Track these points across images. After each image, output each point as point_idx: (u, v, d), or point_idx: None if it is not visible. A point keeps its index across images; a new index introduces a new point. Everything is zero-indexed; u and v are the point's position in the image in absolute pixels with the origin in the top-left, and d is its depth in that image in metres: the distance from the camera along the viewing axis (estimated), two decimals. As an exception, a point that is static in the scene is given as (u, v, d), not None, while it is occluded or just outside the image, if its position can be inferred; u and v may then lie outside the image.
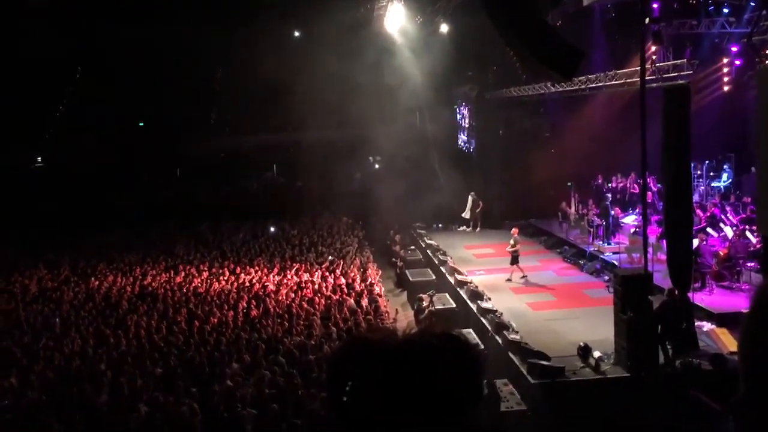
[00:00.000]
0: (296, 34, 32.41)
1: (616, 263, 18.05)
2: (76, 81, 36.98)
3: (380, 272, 20.86)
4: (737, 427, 1.07)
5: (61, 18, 31.15)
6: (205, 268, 21.15)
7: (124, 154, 33.61)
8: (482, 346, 14.44)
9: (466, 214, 26.01)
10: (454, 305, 17.42)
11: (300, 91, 32.14)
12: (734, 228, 18.04)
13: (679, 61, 16.03)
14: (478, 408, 1.20)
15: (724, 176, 23.29)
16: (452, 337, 1.24)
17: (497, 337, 14.22)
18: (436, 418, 1.15)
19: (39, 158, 32.77)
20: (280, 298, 17.49)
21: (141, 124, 34.95)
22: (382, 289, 19.14)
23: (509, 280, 18.75)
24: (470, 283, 18.12)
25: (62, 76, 36.76)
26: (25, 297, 18.85)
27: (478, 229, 25.78)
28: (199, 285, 19.30)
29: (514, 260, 18.88)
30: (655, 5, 16.62)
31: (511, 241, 19.19)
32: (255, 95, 34.71)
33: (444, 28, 24.70)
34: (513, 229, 20.04)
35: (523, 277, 18.83)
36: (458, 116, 30.58)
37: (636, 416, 11.05)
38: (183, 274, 20.67)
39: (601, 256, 19.84)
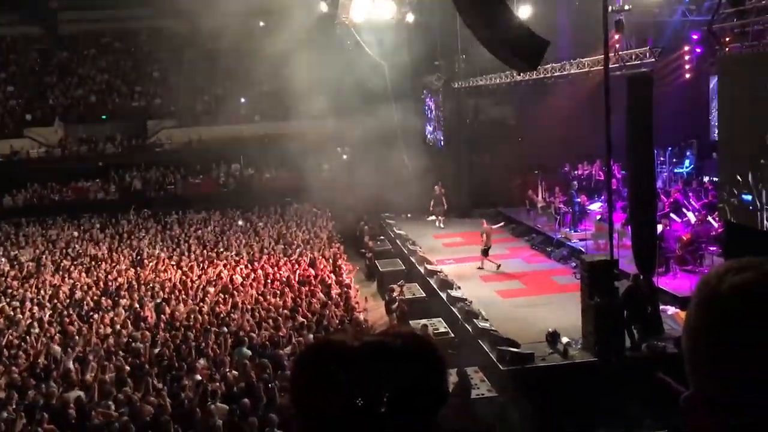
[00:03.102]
0: (261, 24, 32.04)
1: (583, 250, 18.29)
2: (37, 69, 36.17)
3: (350, 263, 20.83)
4: (687, 425, 1.06)
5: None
6: (173, 262, 20.90)
7: (90, 145, 33.10)
8: (452, 335, 14.55)
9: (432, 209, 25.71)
10: (424, 294, 17.48)
11: (266, 82, 31.86)
12: (697, 213, 18.39)
13: (640, 49, 16.20)
14: (442, 409, 1.19)
15: (687, 162, 23.72)
16: (416, 338, 1.22)
17: (467, 326, 14.32)
18: (399, 420, 1.14)
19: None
20: (248, 290, 17.36)
21: (104, 117, 34.33)
22: (353, 279, 19.12)
23: (480, 268, 18.86)
24: (440, 272, 18.20)
25: (24, 65, 35.94)
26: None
27: (442, 225, 25.01)
28: (166, 279, 19.05)
29: (485, 252, 18.98)
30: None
31: (484, 237, 19.27)
32: (220, 85, 34.32)
33: (410, 17, 24.60)
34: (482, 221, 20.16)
35: (498, 266, 18.87)
36: (425, 107, 30.61)
37: (604, 399, 11.23)
38: (150, 267, 20.40)
39: (568, 243, 20.08)
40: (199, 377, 11.50)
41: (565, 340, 12.70)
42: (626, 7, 15.80)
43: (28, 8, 34.49)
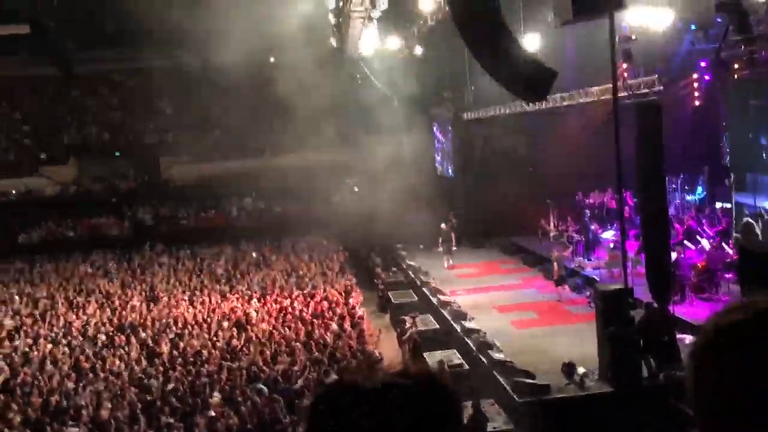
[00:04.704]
0: (272, 59, 32.50)
1: (597, 279, 18.15)
2: (47, 108, 36.75)
3: (363, 295, 20.77)
4: None
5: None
6: (186, 297, 20.91)
7: (104, 182, 33.49)
8: (467, 367, 14.41)
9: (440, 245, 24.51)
10: (438, 326, 17.36)
11: (277, 116, 32.17)
12: (711, 240, 18.25)
13: (649, 78, 16.27)
14: None
15: (699, 189, 23.60)
16: (431, 378, 1.23)
17: (482, 357, 14.19)
18: None
19: (13, 191, 32.37)
20: (261, 324, 17.32)
21: (117, 154, 34.77)
22: (365, 311, 19.04)
23: (559, 300, 18.53)
24: (453, 303, 18.10)
25: (38, 104, 36.54)
26: (0, 331, 18.44)
27: (450, 262, 23.80)
28: (180, 314, 19.05)
29: (558, 281, 18.68)
30: (624, 24, 16.90)
31: (555, 265, 18.93)
32: (232, 120, 34.68)
33: (419, 50, 24.90)
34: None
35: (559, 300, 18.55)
36: (435, 138, 30.79)
37: (621, 430, 11.06)
38: (163, 302, 20.42)
39: (582, 272, 19.94)
40: (212, 413, 11.44)
41: (581, 370, 12.54)
42: (633, 37, 15.90)
43: (43, 48, 35.11)
